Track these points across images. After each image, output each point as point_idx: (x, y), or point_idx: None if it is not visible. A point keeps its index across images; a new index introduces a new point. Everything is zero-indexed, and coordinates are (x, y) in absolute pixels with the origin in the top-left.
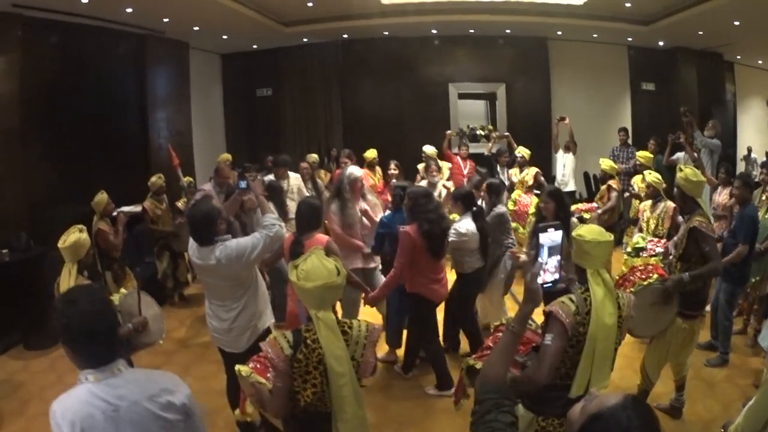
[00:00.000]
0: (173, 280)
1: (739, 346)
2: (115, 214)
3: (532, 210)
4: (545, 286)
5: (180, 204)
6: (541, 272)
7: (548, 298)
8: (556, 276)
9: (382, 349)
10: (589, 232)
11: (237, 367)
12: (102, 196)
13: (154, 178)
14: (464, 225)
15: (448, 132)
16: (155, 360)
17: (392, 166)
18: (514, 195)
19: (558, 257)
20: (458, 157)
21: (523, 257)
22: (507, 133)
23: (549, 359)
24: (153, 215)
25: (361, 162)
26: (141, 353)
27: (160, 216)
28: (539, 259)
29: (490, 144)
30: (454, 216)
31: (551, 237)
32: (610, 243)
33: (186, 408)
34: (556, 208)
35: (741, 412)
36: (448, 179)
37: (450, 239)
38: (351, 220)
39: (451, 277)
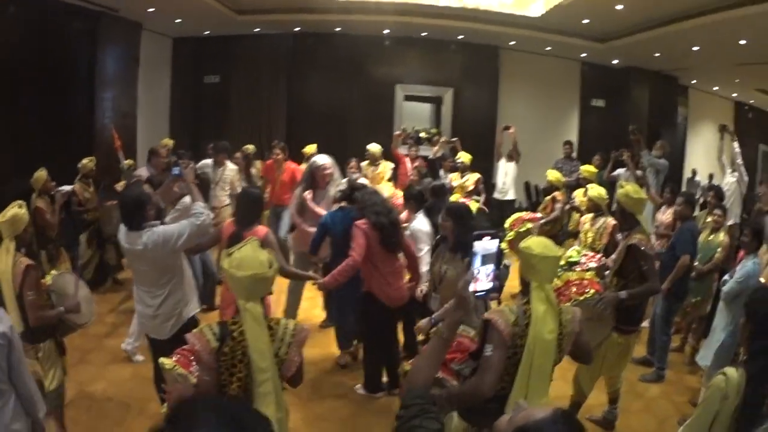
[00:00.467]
0: (97, 269)
1: (677, 363)
2: (53, 192)
3: None
4: (478, 294)
5: (119, 186)
6: (474, 280)
7: None
8: (490, 285)
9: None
10: (537, 245)
11: (160, 360)
12: (41, 173)
13: (85, 161)
14: (421, 224)
15: (397, 132)
16: (87, 343)
17: None
18: (452, 199)
19: (492, 266)
20: (407, 159)
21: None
22: (455, 139)
23: (492, 370)
24: (82, 198)
25: (295, 155)
26: (72, 335)
27: (88, 199)
28: (472, 267)
29: (435, 148)
30: None
31: (485, 245)
32: (557, 258)
33: (7, 336)
34: (454, 226)
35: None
36: (389, 180)
37: (417, 239)
38: (299, 207)
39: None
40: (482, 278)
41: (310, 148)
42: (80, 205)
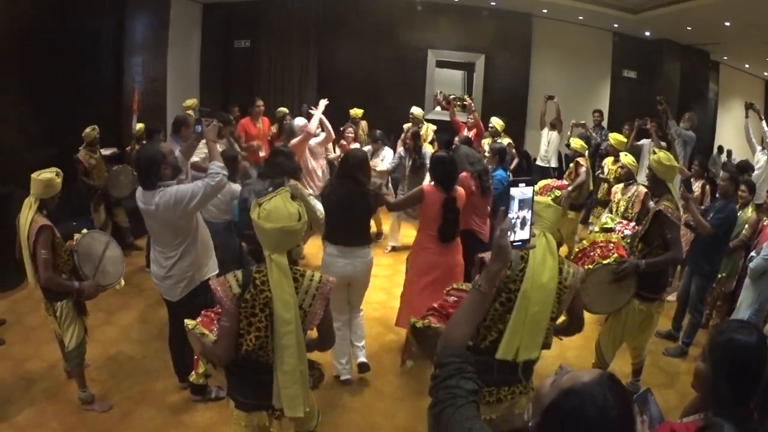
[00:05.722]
0: (112, 229)
1: (700, 340)
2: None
3: None
4: (515, 244)
5: (129, 150)
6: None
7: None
8: (526, 235)
9: None
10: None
11: (186, 321)
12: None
13: (88, 130)
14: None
15: (452, 96)
16: (115, 302)
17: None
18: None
19: (529, 211)
20: (465, 126)
21: None
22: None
23: None
24: (88, 165)
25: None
26: (101, 295)
27: (94, 166)
28: (509, 214)
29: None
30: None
31: (521, 191)
32: (558, 208)
33: None
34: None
35: None
36: (430, 142)
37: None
38: None
39: None
40: (519, 225)
41: (357, 112)
42: (86, 173)
